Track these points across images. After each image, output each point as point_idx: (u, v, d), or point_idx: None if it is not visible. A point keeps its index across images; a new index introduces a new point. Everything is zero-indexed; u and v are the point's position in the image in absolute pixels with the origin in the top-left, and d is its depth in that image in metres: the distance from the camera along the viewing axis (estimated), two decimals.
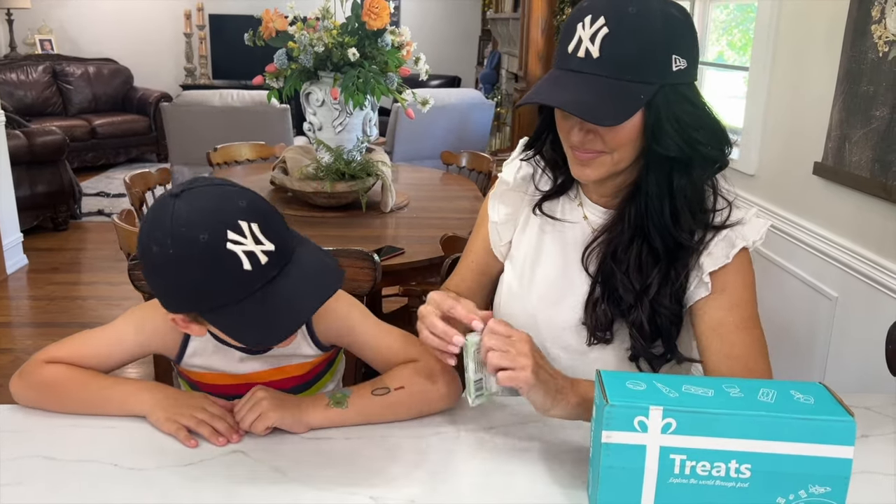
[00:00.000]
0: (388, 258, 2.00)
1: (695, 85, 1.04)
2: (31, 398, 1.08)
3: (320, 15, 2.47)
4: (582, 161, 1.06)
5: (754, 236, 1.08)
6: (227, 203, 0.91)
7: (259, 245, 0.90)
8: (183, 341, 1.12)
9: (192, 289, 0.91)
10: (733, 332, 1.06)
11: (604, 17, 0.97)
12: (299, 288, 0.93)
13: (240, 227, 0.89)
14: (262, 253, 0.90)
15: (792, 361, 2.06)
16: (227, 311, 0.91)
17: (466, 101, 4.90)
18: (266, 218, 0.93)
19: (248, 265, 0.89)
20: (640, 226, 1.08)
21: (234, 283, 0.90)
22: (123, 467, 0.94)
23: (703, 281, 1.07)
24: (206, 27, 7.65)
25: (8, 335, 3.32)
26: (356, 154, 2.58)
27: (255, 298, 0.91)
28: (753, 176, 2.30)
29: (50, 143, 4.53)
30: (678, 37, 0.99)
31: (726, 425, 0.77)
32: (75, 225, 4.92)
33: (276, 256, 0.92)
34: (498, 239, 1.26)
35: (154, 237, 0.91)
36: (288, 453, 0.98)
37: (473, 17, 8.37)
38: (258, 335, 0.92)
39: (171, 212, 0.90)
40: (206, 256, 0.88)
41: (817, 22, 1.98)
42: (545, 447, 1.01)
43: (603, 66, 0.98)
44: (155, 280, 0.96)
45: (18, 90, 6.49)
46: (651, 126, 1.01)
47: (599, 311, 1.11)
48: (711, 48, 3.08)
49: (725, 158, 1.07)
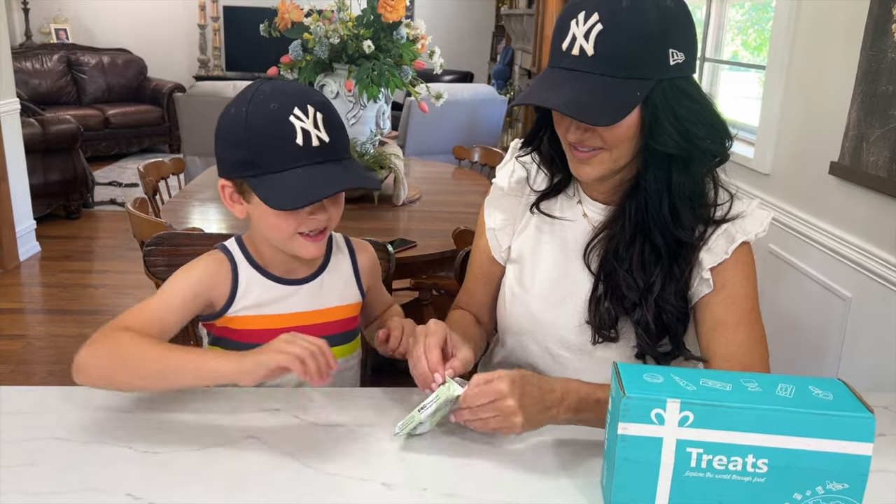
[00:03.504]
0: (399, 251, 2.00)
1: (693, 78, 1.02)
2: (102, 369, 1.00)
3: (336, 7, 2.47)
4: (581, 159, 1.05)
5: (756, 229, 1.07)
6: (304, 91, 1.05)
7: (317, 130, 1.02)
8: (233, 283, 1.14)
9: (250, 149, 1.02)
10: (730, 332, 1.05)
11: (597, 13, 0.96)
12: (337, 175, 1.04)
13: (307, 108, 1.02)
14: (316, 138, 1.02)
15: (806, 361, 2.05)
16: (269, 179, 1.02)
17: (479, 96, 4.89)
18: (331, 115, 1.05)
19: (301, 140, 1.01)
20: (641, 223, 1.07)
21: (283, 152, 1.01)
22: (137, 450, 0.94)
23: (703, 278, 1.06)
24: (219, 18, 7.68)
25: (20, 321, 3.34)
26: (369, 147, 2.58)
27: (297, 173, 1.01)
28: (769, 175, 2.28)
29: (64, 132, 4.55)
30: (674, 30, 0.97)
31: (744, 419, 0.77)
32: (87, 213, 4.95)
33: (327, 149, 1.03)
34: (498, 245, 1.25)
35: (236, 104, 1.05)
36: (301, 439, 0.98)
37: (487, 12, 8.36)
38: (286, 200, 1.01)
39: (257, 88, 1.05)
40: (270, 122, 1.01)
41: (836, 21, 1.96)
42: (558, 439, 1.01)
43: (598, 64, 0.96)
44: (222, 142, 1.07)
45: (33, 79, 6.53)
46: (649, 123, 0.99)
47: (603, 309, 1.10)
48: (726, 48, 3.06)
49: (726, 152, 1.06)
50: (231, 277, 1.15)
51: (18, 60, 6.38)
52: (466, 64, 8.07)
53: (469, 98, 4.80)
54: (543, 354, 1.18)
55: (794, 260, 2.10)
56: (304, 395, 1.10)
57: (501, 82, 7.23)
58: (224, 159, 1.08)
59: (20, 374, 2.84)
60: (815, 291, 1.99)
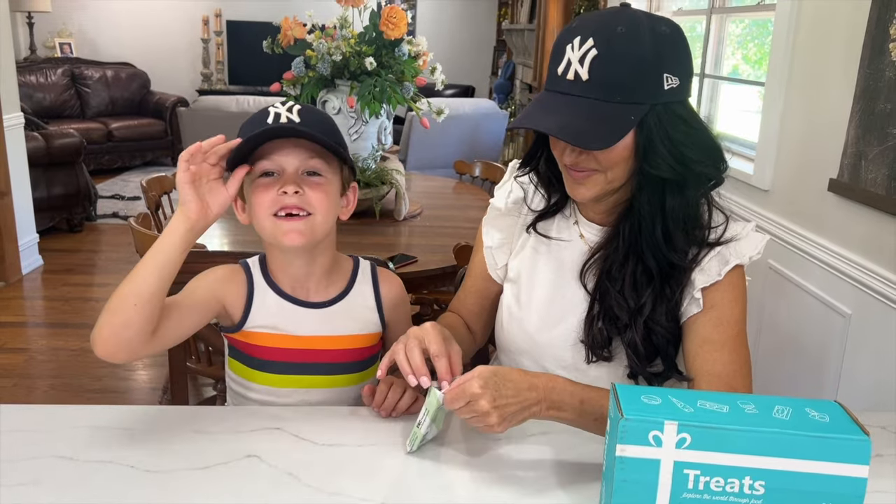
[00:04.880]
0: (401, 266, 2.01)
1: (688, 102, 1.04)
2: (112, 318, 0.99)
3: (338, 24, 2.50)
4: (577, 180, 1.06)
5: (751, 252, 1.07)
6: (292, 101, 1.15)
7: (289, 113, 1.10)
8: (248, 296, 1.16)
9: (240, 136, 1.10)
10: (717, 351, 1.05)
11: (592, 38, 0.97)
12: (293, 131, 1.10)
13: (288, 104, 1.12)
14: (286, 118, 1.10)
15: (805, 378, 2.05)
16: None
17: (480, 110, 4.92)
18: (312, 111, 1.14)
19: (271, 120, 1.10)
20: (634, 244, 1.08)
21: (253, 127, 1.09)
22: (140, 469, 0.95)
23: (694, 297, 1.06)
24: (223, 32, 7.73)
25: (23, 335, 3.35)
26: (371, 162, 2.60)
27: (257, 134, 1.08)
28: (768, 191, 2.29)
29: (67, 146, 4.58)
30: (669, 55, 0.99)
31: (741, 441, 0.77)
32: (90, 227, 4.97)
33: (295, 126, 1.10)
34: (494, 263, 1.26)
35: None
36: (303, 459, 0.99)
37: (488, 26, 8.41)
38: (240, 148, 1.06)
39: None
40: (255, 114, 1.13)
41: (834, 39, 1.98)
42: (558, 460, 1.01)
43: (592, 89, 0.98)
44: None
45: (37, 92, 6.57)
46: (643, 146, 1.00)
47: (596, 329, 1.11)
48: (726, 62, 3.08)
49: (720, 175, 1.06)
50: (246, 290, 1.17)
51: (23, 74, 6.42)
52: (468, 78, 8.11)
53: (470, 112, 4.82)
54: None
55: (794, 276, 2.10)
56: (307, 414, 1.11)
57: (503, 96, 7.26)
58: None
59: (22, 387, 2.84)
60: (815, 308, 2.00)
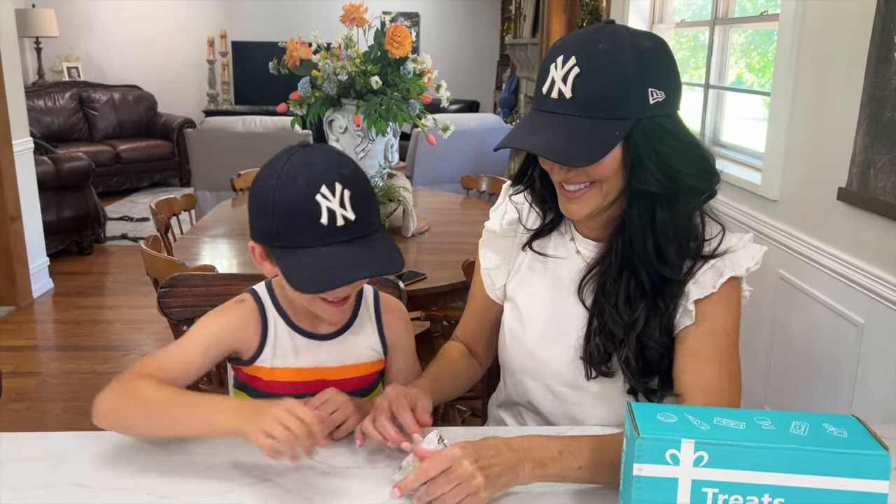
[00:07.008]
0: (410, 284, 2.01)
1: (677, 115, 1.03)
2: (119, 414, 1.03)
3: (343, 43, 2.51)
4: (569, 198, 1.07)
5: (748, 263, 1.07)
6: (333, 164, 1.04)
7: (342, 209, 1.01)
8: (262, 332, 1.16)
9: (275, 222, 1.02)
10: (704, 365, 1.04)
11: (575, 56, 0.98)
12: (358, 258, 1.02)
13: (334, 186, 1.01)
14: (341, 217, 1.01)
15: (818, 389, 2.04)
16: (293, 255, 1.02)
17: (485, 125, 4.93)
18: (360, 190, 1.03)
19: (325, 220, 1.00)
20: (627, 259, 1.07)
21: (307, 231, 1.01)
22: (156, 495, 0.94)
23: (687, 309, 1.06)
24: (228, 53, 7.79)
25: (34, 358, 3.36)
26: (378, 180, 2.61)
27: (320, 252, 1.01)
28: (776, 201, 2.29)
29: (76, 169, 4.61)
30: (652, 69, 0.99)
31: (759, 458, 0.77)
32: (100, 249, 4.99)
33: (354, 226, 1.02)
34: (492, 284, 1.27)
35: (267, 172, 1.05)
36: (315, 482, 0.98)
37: (492, 41, 8.44)
38: (306, 283, 1.01)
39: (288, 158, 1.04)
40: (296, 199, 1.00)
41: (838, 48, 1.98)
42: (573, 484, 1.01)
43: (576, 106, 0.98)
44: (253, 208, 1.07)
45: (46, 116, 6.63)
46: (630, 161, 1.00)
47: (593, 345, 1.11)
48: (730, 71, 3.08)
49: (713, 188, 1.06)
50: (260, 328, 1.16)
51: (31, 99, 6.49)
52: (472, 93, 8.14)
53: (476, 127, 4.84)
54: (544, 391, 1.19)
55: (806, 286, 2.09)
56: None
57: (507, 111, 7.27)
58: (254, 224, 1.09)
59: (35, 411, 2.85)
60: (828, 318, 1.98)
